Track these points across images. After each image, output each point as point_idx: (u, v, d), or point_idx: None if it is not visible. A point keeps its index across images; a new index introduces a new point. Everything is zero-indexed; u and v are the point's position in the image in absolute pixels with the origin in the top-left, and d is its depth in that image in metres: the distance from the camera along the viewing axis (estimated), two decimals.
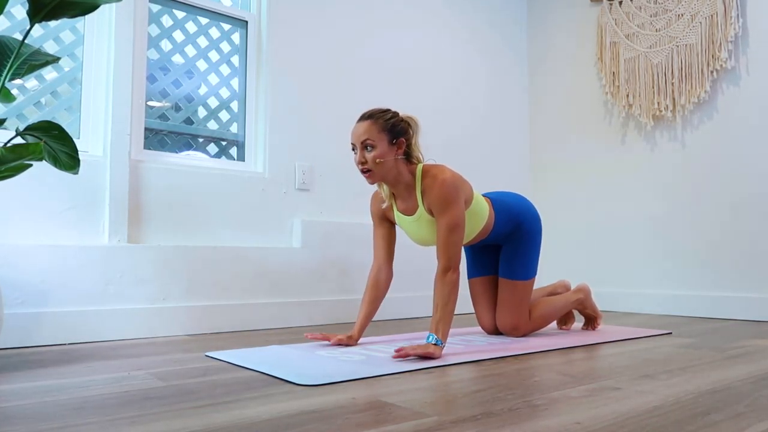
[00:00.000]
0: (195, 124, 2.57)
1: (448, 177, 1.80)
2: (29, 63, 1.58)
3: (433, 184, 1.80)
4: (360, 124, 1.79)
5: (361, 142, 1.77)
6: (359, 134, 1.78)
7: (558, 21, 3.73)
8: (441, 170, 1.83)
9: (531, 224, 2.14)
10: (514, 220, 2.10)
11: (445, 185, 1.79)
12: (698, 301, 2.99)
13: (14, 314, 1.92)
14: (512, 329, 2.12)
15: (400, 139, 1.80)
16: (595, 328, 2.34)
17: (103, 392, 1.25)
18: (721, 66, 2.96)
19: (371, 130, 1.76)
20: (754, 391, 1.26)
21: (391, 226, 2.00)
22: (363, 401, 1.17)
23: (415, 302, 2.91)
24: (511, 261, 2.12)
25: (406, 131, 1.83)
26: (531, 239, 2.13)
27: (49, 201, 2.09)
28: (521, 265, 2.12)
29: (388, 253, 1.98)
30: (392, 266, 1.99)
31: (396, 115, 1.82)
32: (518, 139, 3.78)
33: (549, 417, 1.04)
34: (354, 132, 1.80)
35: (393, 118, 1.80)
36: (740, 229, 2.87)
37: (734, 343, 1.99)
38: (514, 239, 2.13)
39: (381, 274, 1.95)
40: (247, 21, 2.70)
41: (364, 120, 1.79)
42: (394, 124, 1.79)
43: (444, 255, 1.76)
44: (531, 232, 2.13)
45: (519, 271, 2.11)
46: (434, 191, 1.79)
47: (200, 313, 2.31)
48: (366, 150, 1.77)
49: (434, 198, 1.79)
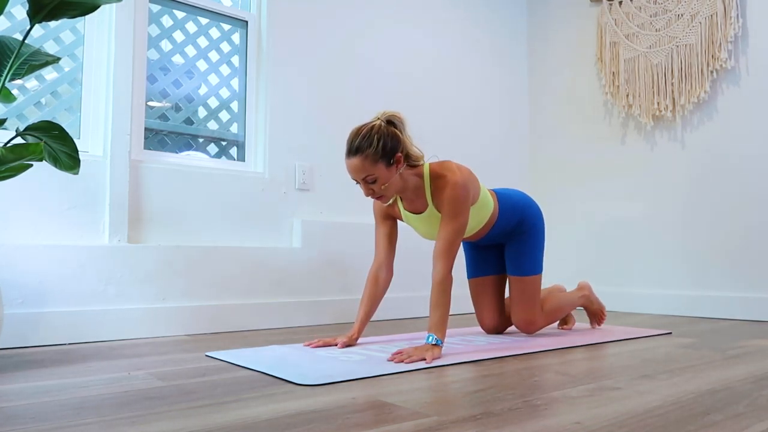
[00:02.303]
0: (195, 124, 2.57)
1: (459, 180, 1.78)
2: (29, 63, 1.58)
3: (445, 187, 1.78)
4: (352, 162, 1.71)
5: (362, 179, 1.73)
6: (356, 172, 1.71)
7: (558, 21, 3.73)
8: (451, 171, 1.80)
9: (534, 219, 2.13)
10: (518, 214, 2.10)
11: (457, 189, 1.76)
12: (698, 301, 2.99)
13: (14, 314, 1.92)
14: (528, 324, 2.12)
15: (396, 155, 1.73)
16: (602, 322, 2.40)
17: (102, 392, 1.25)
18: (720, 66, 2.96)
19: (365, 165, 1.69)
20: (754, 391, 1.26)
21: (393, 224, 1.99)
22: (363, 401, 1.17)
23: (415, 302, 2.91)
24: (518, 258, 2.12)
25: (397, 142, 1.73)
26: (535, 234, 2.13)
27: (49, 201, 2.09)
28: (528, 261, 2.12)
29: (390, 251, 1.96)
30: (393, 265, 1.98)
31: (380, 133, 1.70)
32: (518, 139, 3.78)
33: (549, 417, 1.04)
34: (349, 169, 1.73)
35: (380, 141, 1.69)
36: (740, 229, 2.87)
37: (734, 343, 1.99)
38: (518, 236, 2.12)
39: (381, 272, 1.94)
40: (247, 21, 2.70)
41: (354, 156, 1.70)
42: (384, 146, 1.69)
43: (446, 258, 1.74)
44: (534, 228, 2.13)
45: (527, 266, 2.11)
46: (446, 193, 1.77)
47: (200, 313, 2.31)
48: (369, 183, 1.74)
49: (445, 200, 1.77)
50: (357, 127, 1.75)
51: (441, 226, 1.78)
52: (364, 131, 1.71)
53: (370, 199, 2.04)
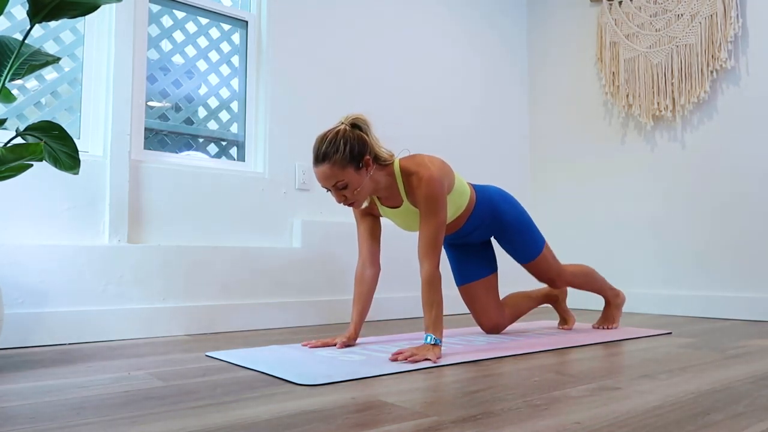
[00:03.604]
0: (195, 124, 2.58)
1: (433, 174, 1.75)
2: (29, 63, 1.58)
3: (419, 184, 1.74)
4: (320, 170, 1.69)
5: (332, 185, 1.71)
6: (326, 179, 1.70)
7: (558, 21, 3.73)
8: (423, 166, 1.77)
9: (508, 205, 2.12)
10: (494, 201, 2.09)
11: (432, 184, 1.74)
12: (698, 301, 2.99)
13: (14, 314, 1.92)
14: (550, 281, 2.22)
15: (364, 158, 1.70)
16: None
17: (103, 392, 1.26)
18: (720, 66, 2.96)
19: (334, 171, 1.68)
20: (754, 391, 1.26)
21: (374, 221, 1.96)
22: (363, 401, 1.17)
23: (414, 302, 2.91)
24: (518, 248, 2.14)
25: (364, 145, 1.71)
26: (517, 218, 2.12)
27: (49, 201, 2.09)
28: (529, 243, 2.13)
29: (373, 247, 1.94)
30: (379, 260, 1.95)
31: (345, 137, 1.68)
32: (518, 140, 3.78)
33: (549, 417, 1.04)
34: (318, 177, 1.72)
35: (346, 146, 1.67)
36: (740, 228, 2.87)
37: (734, 343, 1.99)
38: (503, 228, 2.11)
39: (366, 270, 1.92)
40: (247, 21, 2.71)
41: (321, 164, 1.68)
42: (351, 149, 1.67)
43: (431, 256, 1.73)
44: (513, 212, 2.11)
45: (531, 249, 2.14)
46: (421, 190, 1.74)
47: (200, 313, 2.31)
48: (340, 189, 1.72)
49: (421, 197, 1.75)
50: (322, 133, 1.73)
51: (421, 224, 1.76)
52: (330, 137, 1.69)
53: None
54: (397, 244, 2.79)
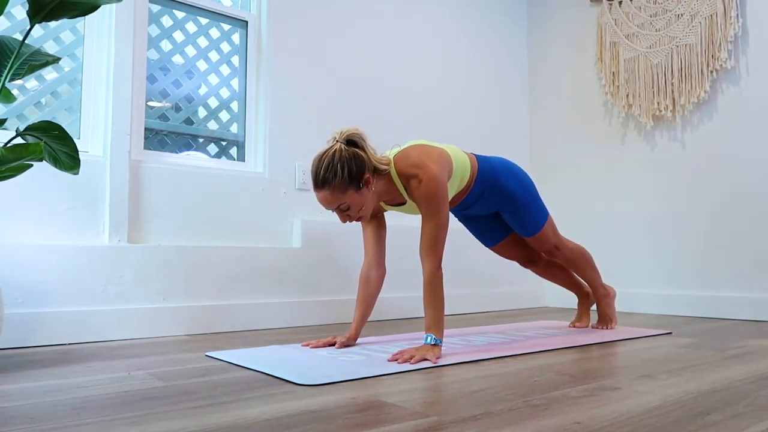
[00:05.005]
0: (195, 124, 2.58)
1: (433, 173, 1.72)
2: (29, 63, 1.58)
3: (419, 185, 1.72)
4: (321, 195, 1.67)
5: (335, 208, 1.70)
6: (328, 204, 1.68)
7: (558, 21, 3.73)
8: (422, 167, 1.73)
9: (509, 178, 2.06)
10: (495, 172, 2.03)
11: (432, 184, 1.72)
12: (698, 301, 2.99)
13: (14, 314, 1.92)
14: (548, 252, 2.26)
15: (364, 177, 1.67)
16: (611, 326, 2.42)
17: (103, 392, 1.26)
18: (720, 66, 2.96)
19: (336, 196, 1.66)
20: (754, 391, 1.26)
21: (379, 222, 1.96)
22: (363, 401, 1.17)
23: (414, 302, 2.90)
24: (521, 220, 2.15)
25: (362, 163, 1.67)
26: (518, 191, 2.08)
27: (49, 201, 2.09)
28: (530, 218, 2.14)
29: (379, 248, 1.94)
30: (384, 262, 1.95)
31: (341, 159, 1.64)
32: (518, 140, 3.78)
33: (549, 417, 1.04)
34: (320, 201, 1.70)
35: (344, 169, 1.63)
36: (740, 229, 2.87)
37: (734, 343, 1.99)
38: (503, 200, 2.08)
39: (372, 271, 1.92)
40: (247, 21, 2.70)
41: (321, 189, 1.66)
42: (349, 172, 1.64)
43: (432, 255, 1.72)
44: (513, 185, 2.07)
45: (531, 224, 2.15)
46: (421, 191, 1.73)
47: (200, 313, 2.31)
48: (344, 211, 1.71)
49: (422, 198, 1.73)
50: (318, 155, 1.68)
51: (423, 223, 1.75)
52: (326, 161, 1.65)
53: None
54: (397, 245, 2.79)
